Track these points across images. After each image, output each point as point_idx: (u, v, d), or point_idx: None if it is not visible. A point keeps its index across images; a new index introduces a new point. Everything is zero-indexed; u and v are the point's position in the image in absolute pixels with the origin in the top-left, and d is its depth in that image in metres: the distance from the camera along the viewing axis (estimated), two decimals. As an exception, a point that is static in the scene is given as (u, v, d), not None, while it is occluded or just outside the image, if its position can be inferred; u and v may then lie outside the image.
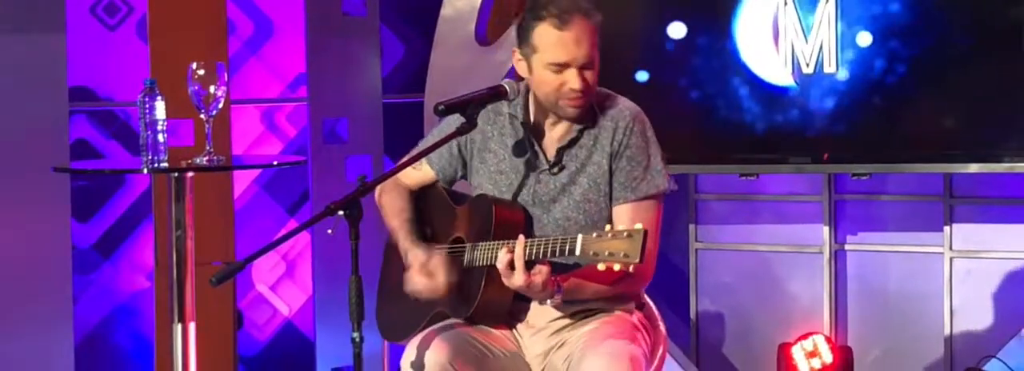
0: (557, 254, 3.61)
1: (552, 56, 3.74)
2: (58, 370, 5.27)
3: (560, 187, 3.85)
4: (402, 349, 3.86)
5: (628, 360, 3.65)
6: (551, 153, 3.87)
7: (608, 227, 3.54)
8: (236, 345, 5.71)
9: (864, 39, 5.07)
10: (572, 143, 3.85)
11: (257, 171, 5.84)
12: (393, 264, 4.09)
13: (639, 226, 3.48)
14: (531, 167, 3.88)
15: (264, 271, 5.93)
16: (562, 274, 3.70)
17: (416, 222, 4.03)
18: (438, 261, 3.84)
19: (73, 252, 5.36)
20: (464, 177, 4.05)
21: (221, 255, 5.49)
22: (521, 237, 3.66)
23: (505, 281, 3.66)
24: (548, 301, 3.72)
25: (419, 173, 4.06)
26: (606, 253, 3.49)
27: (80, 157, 5.51)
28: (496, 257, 3.69)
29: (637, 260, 3.46)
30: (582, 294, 3.78)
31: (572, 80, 3.74)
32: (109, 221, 5.71)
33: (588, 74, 3.76)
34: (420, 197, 4.10)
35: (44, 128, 5.23)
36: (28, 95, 5.21)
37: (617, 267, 3.49)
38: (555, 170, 3.86)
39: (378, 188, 4.08)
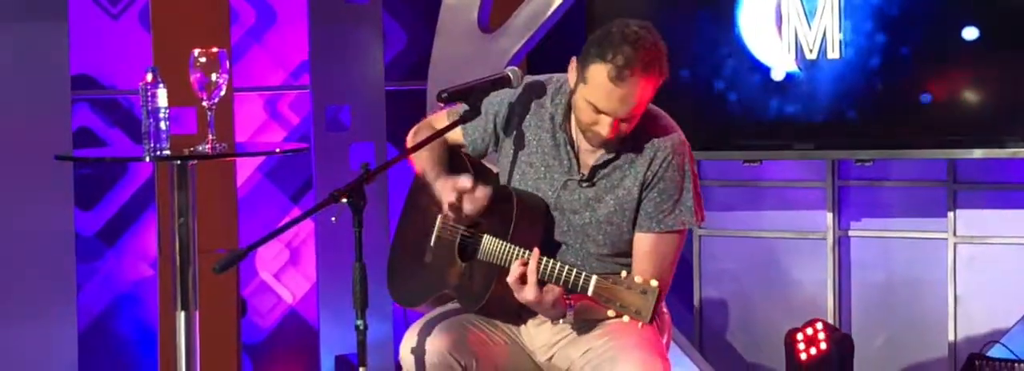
0: (567, 285, 3.57)
1: (594, 99, 3.62)
2: (62, 358, 5.25)
3: (585, 201, 3.79)
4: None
5: (662, 365, 3.66)
6: (586, 166, 3.80)
7: (624, 274, 3.48)
8: (240, 333, 5.71)
9: (867, 25, 5.05)
10: (607, 163, 3.77)
11: (260, 159, 5.83)
12: (414, 215, 4.05)
13: (654, 283, 3.43)
14: (562, 173, 3.81)
15: (268, 259, 5.93)
16: (575, 294, 3.64)
17: (445, 165, 3.93)
18: (466, 180, 3.77)
19: (76, 240, 5.33)
20: (496, 151, 3.97)
21: (225, 243, 5.48)
22: (536, 251, 3.62)
23: (516, 294, 3.62)
24: (560, 320, 3.68)
25: (452, 134, 3.95)
26: (617, 303, 3.46)
27: (83, 145, 5.51)
28: (506, 259, 3.67)
29: (647, 320, 3.43)
30: (591, 315, 3.73)
31: (603, 126, 3.65)
32: (112, 209, 5.70)
33: (624, 125, 3.66)
34: (448, 158, 4.00)
35: (47, 116, 5.20)
36: (31, 83, 5.19)
37: (626, 318, 3.45)
38: (585, 184, 3.80)
39: (412, 130, 4.03)
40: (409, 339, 3.77)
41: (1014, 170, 5.33)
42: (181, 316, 4.36)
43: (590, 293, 3.51)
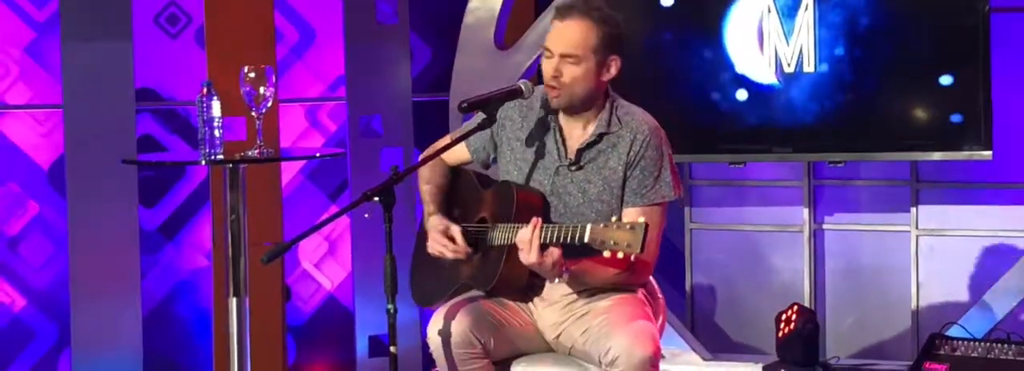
0: (568, 240, 3.61)
1: (545, 41, 3.80)
2: (128, 338, 5.30)
3: (577, 183, 3.85)
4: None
5: (650, 339, 3.67)
6: (572, 151, 3.87)
7: (614, 218, 3.53)
8: (285, 316, 5.74)
9: (839, 42, 5.07)
10: (591, 145, 3.84)
11: (302, 162, 5.85)
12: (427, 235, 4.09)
13: (642, 220, 3.49)
14: (553, 160, 3.87)
15: (309, 250, 5.94)
16: (572, 259, 3.70)
17: (445, 193, 4.02)
18: (456, 229, 3.85)
19: (140, 234, 5.37)
20: (495, 161, 4.04)
21: (271, 237, 5.51)
22: (536, 219, 3.66)
23: (521, 256, 3.67)
24: (557, 279, 3.72)
25: (457, 152, 4.04)
26: (611, 242, 3.50)
27: (146, 150, 5.52)
28: (514, 238, 3.70)
29: (638, 250, 3.47)
30: (587, 278, 3.79)
31: (547, 66, 3.78)
32: (172, 207, 5.72)
33: (566, 67, 3.76)
34: (454, 178, 4.09)
35: (115, 125, 5.25)
36: (100, 96, 5.24)
37: (620, 255, 3.49)
38: (574, 168, 3.86)
39: (421, 159, 4.08)
40: (435, 322, 3.81)
41: (970, 170, 5.33)
42: (234, 301, 4.39)
43: (586, 239, 3.54)
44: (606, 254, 3.51)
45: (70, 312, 5.26)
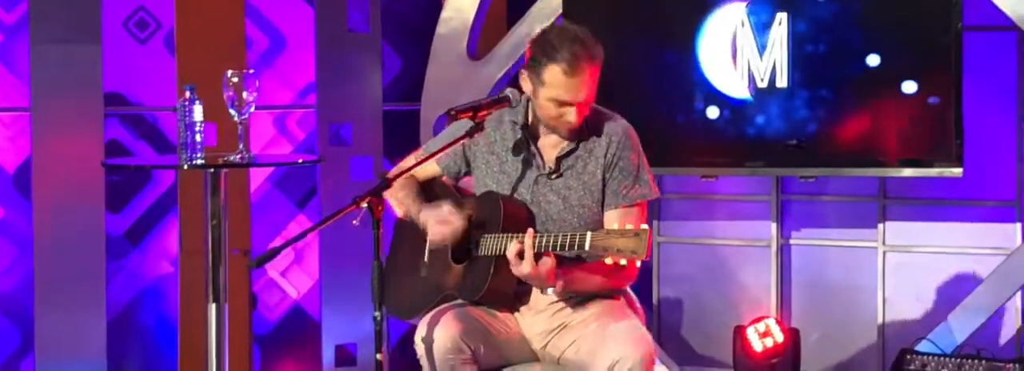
0: (565, 249, 3.60)
1: (556, 94, 3.71)
2: (92, 345, 5.24)
3: (557, 191, 3.84)
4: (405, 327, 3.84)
5: (643, 337, 3.68)
6: (550, 160, 3.85)
7: (615, 225, 3.54)
8: (251, 324, 5.69)
9: (812, 58, 5.09)
10: (569, 153, 3.84)
11: (270, 169, 5.81)
12: (404, 244, 4.06)
13: (644, 226, 3.49)
14: (531, 170, 3.86)
15: (275, 259, 5.87)
16: (564, 267, 3.69)
17: (423, 196, 3.99)
18: (449, 208, 3.82)
19: (106, 240, 5.32)
20: (468, 174, 4.03)
21: (239, 243, 5.46)
22: (530, 230, 3.65)
23: (513, 269, 3.65)
24: (549, 290, 3.72)
25: (426, 168, 4.02)
26: (615, 249, 3.49)
27: (113, 155, 5.47)
28: (504, 247, 3.69)
29: (645, 256, 3.48)
30: (579, 286, 3.78)
31: (569, 115, 3.74)
32: (138, 212, 5.66)
33: (584, 108, 3.77)
34: (429, 186, 4.07)
35: (82, 129, 5.20)
36: (68, 100, 5.19)
37: (623, 261, 3.49)
38: (554, 176, 3.85)
39: (400, 168, 4.04)
40: (422, 329, 3.77)
41: (937, 187, 5.37)
42: (212, 307, 4.35)
43: (587, 247, 3.53)
44: (608, 261, 3.50)
45: (34, 317, 5.18)
